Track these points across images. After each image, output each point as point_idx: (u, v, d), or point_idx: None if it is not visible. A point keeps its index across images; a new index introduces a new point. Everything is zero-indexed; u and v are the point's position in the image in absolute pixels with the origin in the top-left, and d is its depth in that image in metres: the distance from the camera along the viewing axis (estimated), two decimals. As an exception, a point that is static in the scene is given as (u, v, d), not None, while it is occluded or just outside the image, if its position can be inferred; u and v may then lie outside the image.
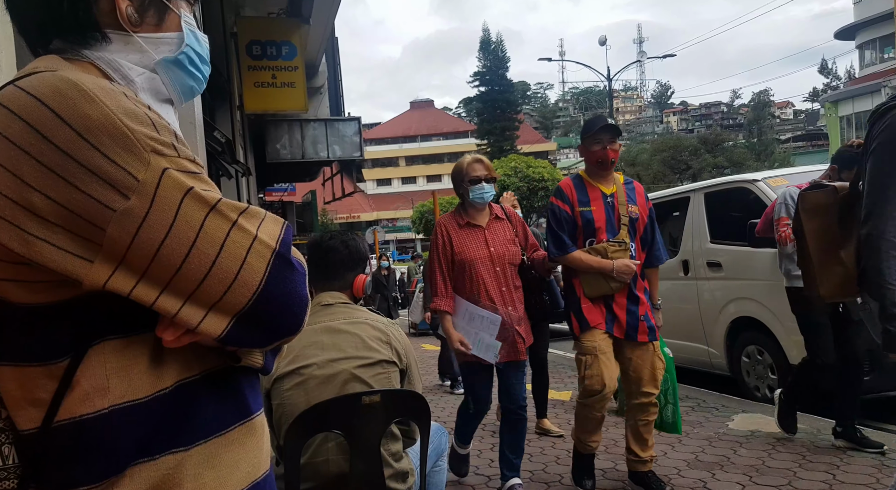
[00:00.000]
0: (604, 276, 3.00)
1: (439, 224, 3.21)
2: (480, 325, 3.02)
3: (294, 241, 0.83)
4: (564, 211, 3.11)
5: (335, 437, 1.80)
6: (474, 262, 3.07)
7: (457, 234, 3.14)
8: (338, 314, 1.94)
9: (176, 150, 0.76)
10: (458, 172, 3.22)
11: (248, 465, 0.85)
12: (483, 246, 3.11)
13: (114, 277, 0.72)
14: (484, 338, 3.01)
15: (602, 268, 2.98)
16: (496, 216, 3.24)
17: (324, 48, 10.88)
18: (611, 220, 3.07)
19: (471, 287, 3.08)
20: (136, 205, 0.71)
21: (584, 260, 3.03)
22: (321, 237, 2.10)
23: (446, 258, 3.12)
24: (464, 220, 3.18)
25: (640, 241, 3.15)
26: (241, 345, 0.79)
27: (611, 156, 3.08)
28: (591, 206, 3.09)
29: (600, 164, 3.11)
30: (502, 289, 3.09)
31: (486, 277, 3.07)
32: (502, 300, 3.08)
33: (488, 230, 3.17)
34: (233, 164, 7.08)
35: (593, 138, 3.10)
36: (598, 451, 3.84)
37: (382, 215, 52.81)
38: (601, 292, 3.03)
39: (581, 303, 3.06)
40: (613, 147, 3.09)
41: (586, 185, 3.17)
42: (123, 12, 0.83)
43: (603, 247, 3.02)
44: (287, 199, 17.72)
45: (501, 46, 47.09)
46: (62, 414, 0.75)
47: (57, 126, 0.70)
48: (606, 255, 2.99)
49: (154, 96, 0.88)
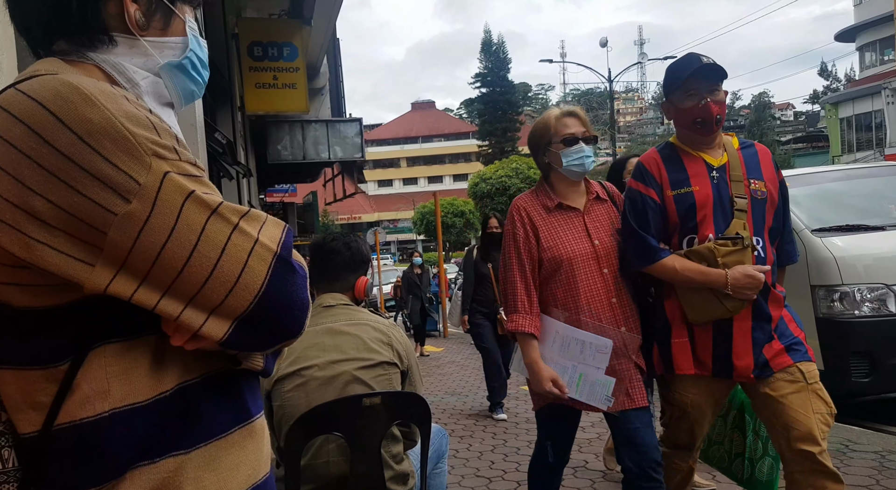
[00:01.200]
0: (714, 293, 1.99)
1: (516, 207, 2.25)
2: (581, 355, 2.10)
3: (295, 242, 0.84)
4: (650, 198, 2.10)
5: (336, 439, 1.80)
6: (572, 260, 2.13)
7: (544, 222, 2.19)
8: (339, 316, 1.94)
9: (177, 154, 0.76)
10: (543, 130, 2.24)
11: (249, 467, 0.85)
12: (583, 238, 2.16)
13: (115, 281, 0.72)
14: (588, 373, 2.10)
15: (711, 281, 1.98)
16: (597, 195, 2.26)
17: (325, 49, 10.89)
18: (722, 206, 2.05)
19: (566, 298, 2.14)
20: (137, 208, 0.71)
21: (681, 270, 2.02)
22: (323, 238, 2.09)
23: (530, 256, 2.17)
24: (552, 200, 2.22)
25: (768, 234, 2.09)
26: (242, 348, 0.80)
27: (715, 111, 2.04)
28: (691, 186, 2.07)
29: (700, 125, 2.07)
30: (612, 300, 2.13)
31: (589, 283, 2.13)
32: (613, 316, 2.12)
33: (589, 215, 2.20)
34: (234, 165, 7.08)
35: (684, 90, 2.08)
36: (599, 453, 3.84)
37: (383, 216, 52.85)
38: (712, 316, 2.03)
39: (671, 335, 2.10)
40: (717, 98, 2.05)
41: (682, 157, 2.13)
42: (132, 16, 0.83)
43: (709, 248, 2.00)
44: (288, 200, 17.73)
45: (503, 48, 47.17)
46: (62, 417, 0.75)
47: (58, 130, 0.70)
48: (715, 259, 1.99)
49: (156, 100, 0.88)
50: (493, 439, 4.37)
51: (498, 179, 27.84)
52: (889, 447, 3.60)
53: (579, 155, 2.17)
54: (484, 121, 47.23)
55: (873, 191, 5.19)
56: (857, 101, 28.20)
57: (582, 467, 3.65)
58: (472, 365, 7.78)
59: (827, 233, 4.47)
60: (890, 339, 4.12)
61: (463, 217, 34.24)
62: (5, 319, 0.75)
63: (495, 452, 4.07)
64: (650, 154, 2.21)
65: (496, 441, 4.33)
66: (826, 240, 4.40)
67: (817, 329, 4.31)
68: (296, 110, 9.07)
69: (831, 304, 4.26)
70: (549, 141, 2.21)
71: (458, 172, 59.22)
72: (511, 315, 2.18)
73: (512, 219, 2.24)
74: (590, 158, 2.19)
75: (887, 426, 4.28)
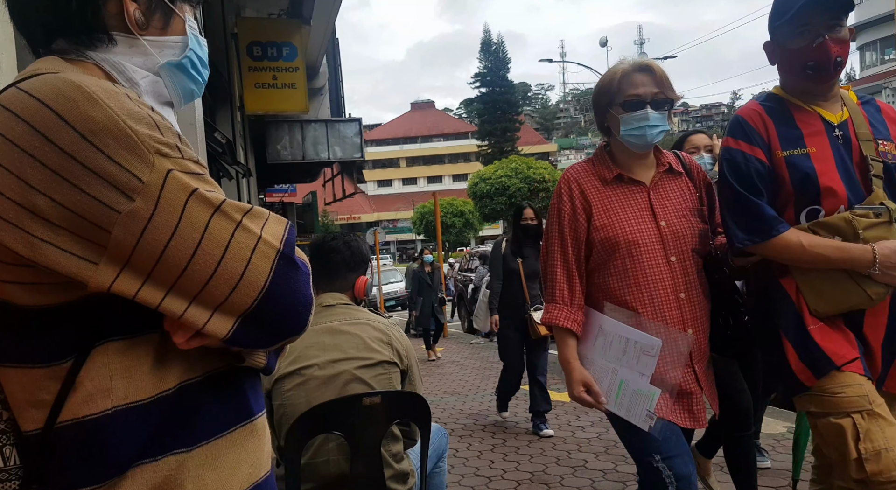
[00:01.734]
0: (851, 276, 1.59)
1: (566, 178, 1.89)
2: (624, 357, 1.74)
3: (296, 241, 0.84)
4: (756, 159, 1.68)
5: (336, 438, 1.80)
6: (631, 245, 1.77)
7: (599, 196, 1.83)
8: (339, 315, 1.95)
9: (180, 152, 0.76)
10: (607, 87, 1.84)
11: (250, 466, 0.85)
12: (647, 218, 1.80)
13: (119, 280, 0.72)
14: (629, 380, 1.72)
15: (852, 258, 1.57)
16: (669, 167, 1.88)
17: (324, 49, 10.89)
18: (847, 171, 1.64)
19: (621, 291, 1.78)
20: (140, 207, 0.71)
21: (810, 246, 1.59)
22: (323, 238, 2.09)
23: (575, 237, 1.82)
24: (612, 170, 1.85)
25: None
26: (246, 346, 0.80)
27: (834, 52, 1.61)
28: (806, 146, 1.66)
29: (813, 71, 1.65)
30: (680, 295, 1.76)
31: (652, 273, 1.76)
32: (681, 316, 1.76)
33: (656, 191, 1.84)
34: (233, 165, 7.08)
35: (795, 24, 1.64)
36: (599, 452, 3.85)
37: (383, 216, 52.84)
38: (846, 305, 1.61)
39: (807, 323, 1.63)
40: (838, 35, 1.62)
41: (792, 112, 1.71)
42: (132, 15, 0.83)
43: (846, 219, 1.59)
44: (287, 200, 17.73)
45: (502, 47, 47.17)
46: (65, 415, 0.75)
47: (60, 128, 0.70)
48: (855, 232, 1.58)
49: (156, 99, 0.88)
50: (493, 439, 4.37)
51: (497, 179, 27.84)
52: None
53: (641, 123, 1.76)
54: (483, 121, 47.23)
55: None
56: (857, 101, 28.20)
57: (582, 467, 3.65)
58: (472, 365, 7.79)
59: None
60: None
61: (462, 217, 34.24)
62: (8, 318, 0.76)
63: (495, 452, 4.08)
64: (750, 106, 1.77)
65: (496, 440, 4.34)
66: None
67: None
68: (295, 110, 9.06)
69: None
70: (610, 101, 1.83)
71: (457, 172, 59.21)
72: (549, 305, 1.83)
73: (559, 192, 1.87)
74: (657, 128, 1.77)
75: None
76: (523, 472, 3.64)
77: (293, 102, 8.70)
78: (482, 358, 8.27)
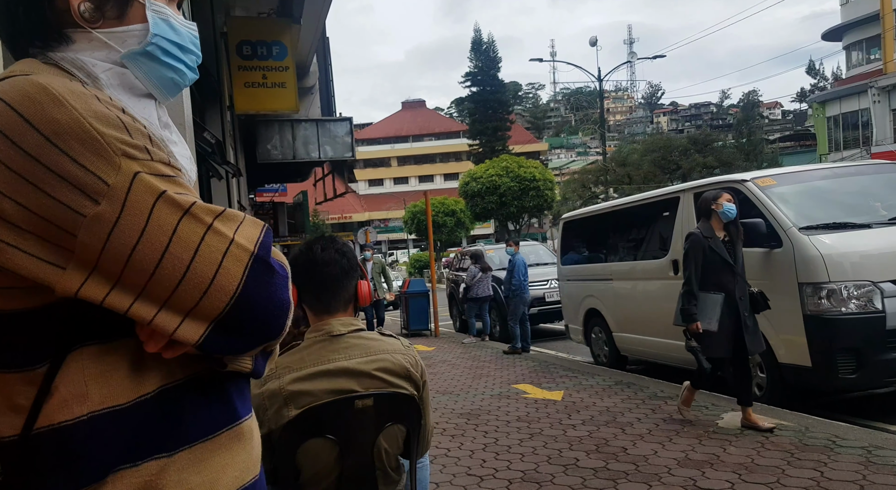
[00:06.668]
0: None
1: None
2: None
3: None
4: None
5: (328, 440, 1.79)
6: None
7: None
8: (352, 349, 1.74)
9: (149, 154, 0.74)
10: None
11: (236, 469, 0.84)
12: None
13: (87, 285, 0.71)
14: None
15: None
16: None
17: (315, 48, 10.86)
18: None
19: None
20: (106, 210, 0.70)
21: None
22: (309, 250, 1.81)
23: None
24: None
25: None
26: (221, 351, 0.78)
27: None
28: None
29: None
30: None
31: None
32: None
33: None
34: (223, 164, 7.04)
35: None
36: (590, 450, 3.86)
37: (374, 216, 52.76)
38: None
39: None
40: None
41: None
42: (76, 10, 0.81)
43: None
44: (278, 199, 17.65)
45: (493, 47, 47.15)
46: (41, 421, 0.74)
47: (25, 131, 0.69)
48: None
49: (129, 92, 0.85)
50: (485, 438, 4.37)
51: (488, 178, 27.86)
52: (876, 442, 3.64)
53: None
54: (474, 120, 47.22)
55: (860, 189, 5.24)
56: (844, 100, 28.45)
57: (573, 465, 3.66)
58: (464, 364, 7.79)
59: (814, 231, 4.51)
60: (876, 336, 4.17)
61: (454, 216, 34.25)
62: None
63: (486, 451, 4.08)
64: None
65: (487, 439, 4.34)
66: (813, 237, 4.44)
67: (804, 326, 4.35)
68: (285, 109, 9.02)
69: (819, 302, 4.30)
70: None
71: (448, 171, 59.24)
72: None
73: None
74: None
75: (874, 422, 4.33)
76: (515, 471, 3.64)
77: (283, 102, 8.67)
78: (474, 357, 8.26)
